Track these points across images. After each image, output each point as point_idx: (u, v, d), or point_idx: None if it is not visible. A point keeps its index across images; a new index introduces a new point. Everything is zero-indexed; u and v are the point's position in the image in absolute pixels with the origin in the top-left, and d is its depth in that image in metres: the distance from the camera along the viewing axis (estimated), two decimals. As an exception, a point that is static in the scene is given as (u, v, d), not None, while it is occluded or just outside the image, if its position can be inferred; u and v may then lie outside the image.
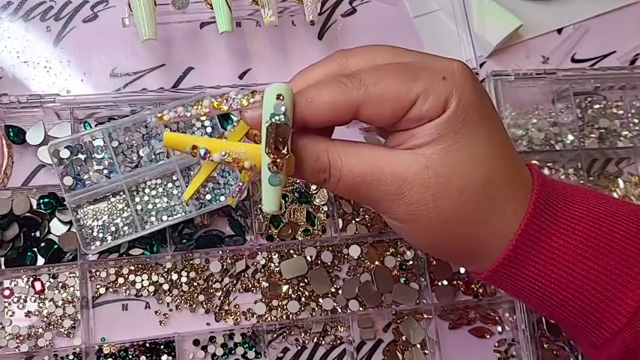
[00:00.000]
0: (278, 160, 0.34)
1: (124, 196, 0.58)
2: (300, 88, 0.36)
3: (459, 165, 0.36)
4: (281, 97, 0.34)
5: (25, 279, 0.58)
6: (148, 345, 0.58)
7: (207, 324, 0.60)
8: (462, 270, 0.65)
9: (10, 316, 0.57)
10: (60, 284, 0.58)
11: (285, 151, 0.34)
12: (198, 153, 0.35)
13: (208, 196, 0.59)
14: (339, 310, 0.62)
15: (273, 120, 0.34)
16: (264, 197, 0.34)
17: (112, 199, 0.58)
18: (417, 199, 0.36)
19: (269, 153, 0.34)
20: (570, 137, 0.68)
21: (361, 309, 0.62)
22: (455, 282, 0.64)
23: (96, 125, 0.60)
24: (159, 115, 0.37)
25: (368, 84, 0.35)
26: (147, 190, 0.59)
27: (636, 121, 0.70)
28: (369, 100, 0.35)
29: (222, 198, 0.59)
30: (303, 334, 0.61)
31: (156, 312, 0.59)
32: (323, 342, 0.62)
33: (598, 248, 0.37)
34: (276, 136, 0.34)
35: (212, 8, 0.58)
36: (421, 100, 0.35)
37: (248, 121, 0.36)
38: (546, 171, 0.67)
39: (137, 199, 0.58)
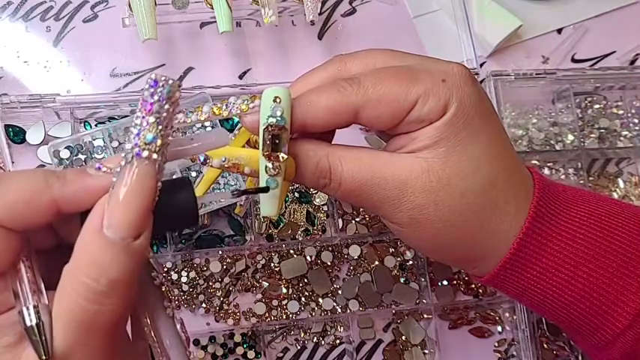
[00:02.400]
0: (275, 163, 0.34)
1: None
2: (299, 93, 0.36)
3: (460, 168, 0.36)
4: (278, 100, 0.33)
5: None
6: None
7: (207, 324, 0.60)
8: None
9: (10, 316, 0.57)
10: (60, 284, 0.58)
11: (282, 154, 0.34)
12: (198, 158, 0.35)
13: (208, 196, 0.59)
14: (339, 310, 0.62)
15: (270, 122, 0.33)
16: (262, 201, 0.34)
17: (112, 199, 0.58)
18: (418, 203, 0.36)
19: (266, 155, 0.34)
20: (570, 137, 0.68)
21: (361, 309, 0.62)
22: (455, 282, 0.64)
23: (96, 125, 0.60)
24: None
25: (367, 87, 0.35)
26: (147, 190, 0.58)
27: (636, 121, 0.70)
28: (368, 103, 0.35)
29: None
30: (303, 334, 0.61)
31: (156, 312, 0.59)
32: (323, 342, 0.62)
33: (599, 251, 0.37)
34: (273, 138, 0.33)
35: (212, 8, 0.58)
36: (421, 103, 0.35)
37: (247, 125, 0.36)
38: (546, 171, 0.67)
39: (137, 199, 0.58)
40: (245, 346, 0.60)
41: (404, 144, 0.36)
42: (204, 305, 0.60)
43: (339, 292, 0.62)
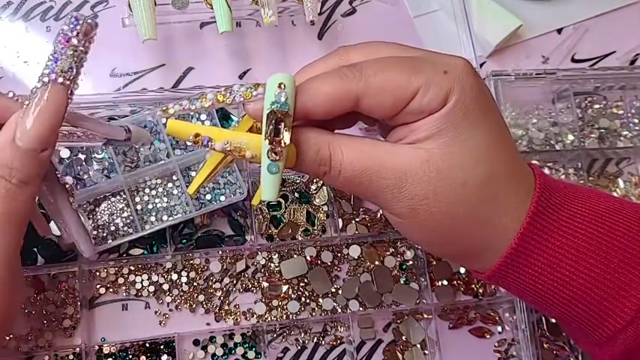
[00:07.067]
0: (277, 148, 0.34)
1: (124, 196, 0.58)
2: (302, 81, 0.36)
3: (460, 159, 0.36)
4: (282, 86, 0.34)
5: (25, 279, 0.58)
6: (147, 345, 0.58)
7: (207, 324, 0.60)
8: (462, 270, 0.65)
9: (10, 316, 0.57)
10: (60, 284, 0.58)
11: (284, 139, 0.34)
12: (201, 140, 0.35)
13: (208, 196, 0.59)
14: (339, 310, 0.62)
15: (274, 107, 0.34)
16: (263, 185, 0.35)
17: (112, 199, 0.58)
18: (417, 194, 0.36)
19: (268, 140, 0.34)
20: (570, 137, 0.68)
21: (361, 309, 0.62)
22: (455, 282, 0.64)
23: (96, 125, 0.60)
24: (164, 108, 0.37)
25: (369, 75, 0.35)
26: (147, 190, 0.59)
27: (636, 121, 0.70)
28: (369, 90, 0.35)
29: (222, 198, 0.59)
30: (303, 334, 0.61)
31: (156, 312, 0.59)
32: (323, 342, 0.62)
33: (600, 246, 0.37)
34: (276, 123, 0.34)
35: (212, 8, 0.58)
36: (422, 93, 0.35)
37: (250, 112, 0.36)
38: (546, 171, 0.67)
39: (137, 199, 0.58)
40: (245, 346, 0.60)
41: (404, 135, 0.36)
42: (204, 305, 0.60)
43: (339, 292, 0.62)
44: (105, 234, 0.57)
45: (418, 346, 0.63)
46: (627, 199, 0.66)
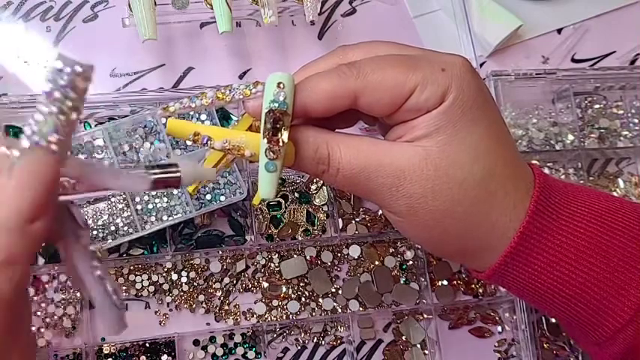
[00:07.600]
0: (275, 147, 0.34)
1: (123, 196, 0.58)
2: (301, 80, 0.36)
3: (458, 157, 0.36)
4: (281, 85, 0.34)
5: (25, 279, 0.58)
6: (148, 345, 0.58)
7: (207, 324, 0.60)
8: (463, 270, 0.65)
9: (10, 316, 0.57)
10: (60, 284, 0.58)
11: (282, 138, 0.34)
12: (201, 139, 0.35)
13: (208, 196, 0.59)
14: (339, 310, 0.62)
15: (272, 107, 0.34)
16: (261, 183, 0.35)
17: (112, 199, 0.58)
18: (415, 192, 0.36)
19: (266, 139, 0.34)
20: (570, 137, 0.68)
21: (361, 309, 0.62)
22: (455, 282, 0.64)
23: (96, 125, 0.60)
24: (165, 106, 0.37)
25: (367, 72, 0.35)
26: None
27: (636, 121, 0.70)
28: (367, 88, 0.35)
29: (222, 198, 0.59)
30: (303, 334, 0.61)
31: (156, 312, 0.59)
32: (323, 342, 0.62)
33: (600, 245, 0.37)
34: (274, 122, 0.34)
35: (212, 8, 0.58)
36: (419, 90, 0.35)
37: (250, 110, 0.36)
38: (546, 171, 0.67)
39: (137, 199, 0.58)
40: (245, 346, 0.60)
41: (403, 133, 0.36)
42: (204, 305, 0.60)
43: (339, 292, 0.62)
44: (105, 234, 0.57)
45: (418, 346, 0.63)
46: (627, 199, 0.66)
